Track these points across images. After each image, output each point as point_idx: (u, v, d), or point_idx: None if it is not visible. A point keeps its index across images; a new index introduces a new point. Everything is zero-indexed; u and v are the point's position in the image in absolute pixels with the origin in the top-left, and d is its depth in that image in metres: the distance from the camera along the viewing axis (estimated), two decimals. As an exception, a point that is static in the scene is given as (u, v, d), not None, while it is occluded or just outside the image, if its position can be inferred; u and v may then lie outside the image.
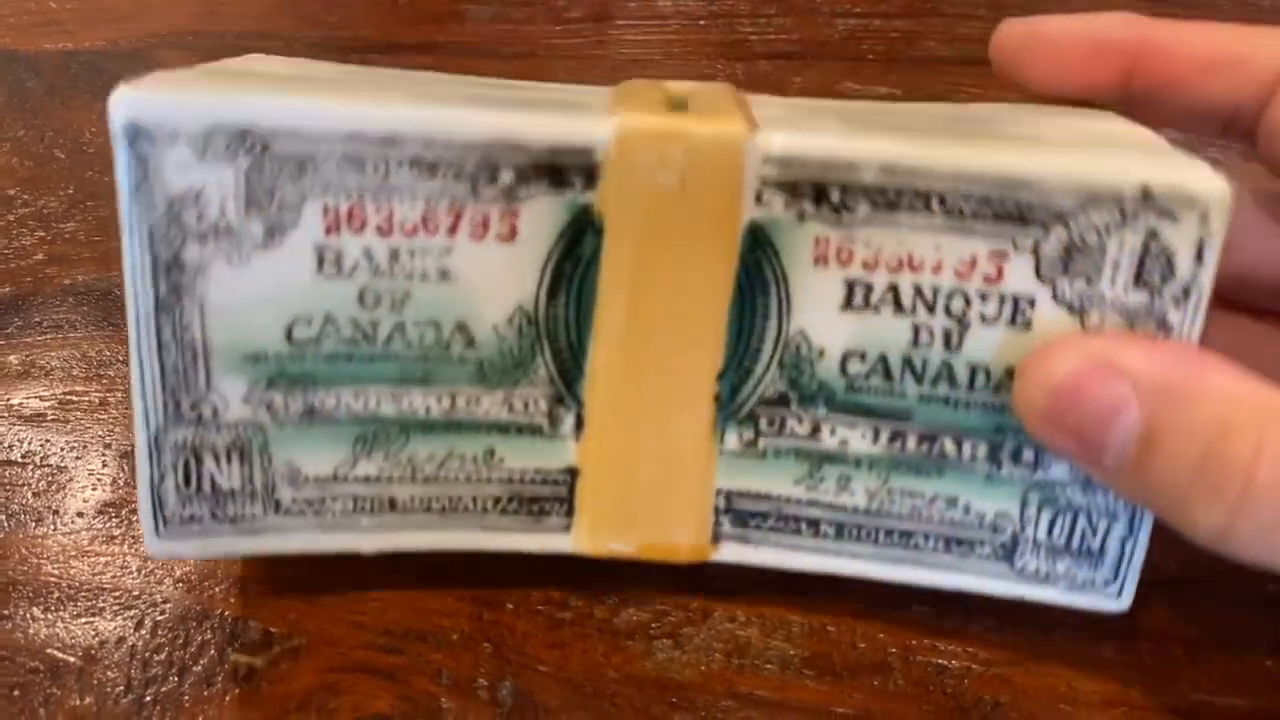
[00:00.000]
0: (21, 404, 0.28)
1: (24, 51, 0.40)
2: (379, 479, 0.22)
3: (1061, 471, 0.21)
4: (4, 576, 0.24)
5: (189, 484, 0.21)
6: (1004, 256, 0.20)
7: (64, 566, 0.24)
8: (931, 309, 0.20)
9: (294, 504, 0.22)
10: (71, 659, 0.23)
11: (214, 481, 0.21)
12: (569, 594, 0.24)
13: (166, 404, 0.20)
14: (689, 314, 0.21)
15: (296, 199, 0.19)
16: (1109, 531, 0.21)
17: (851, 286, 0.20)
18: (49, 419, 0.28)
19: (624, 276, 0.20)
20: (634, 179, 0.20)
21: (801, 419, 0.22)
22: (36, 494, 0.26)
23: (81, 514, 0.25)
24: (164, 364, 0.20)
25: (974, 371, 0.21)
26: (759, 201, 0.20)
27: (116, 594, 0.24)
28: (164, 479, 0.21)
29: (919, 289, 0.20)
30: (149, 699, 0.22)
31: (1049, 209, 0.19)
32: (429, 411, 0.21)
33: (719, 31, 0.43)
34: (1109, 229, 0.19)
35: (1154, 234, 0.19)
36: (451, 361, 0.21)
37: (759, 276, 0.20)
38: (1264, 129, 0.22)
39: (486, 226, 0.20)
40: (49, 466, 0.27)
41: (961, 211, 0.19)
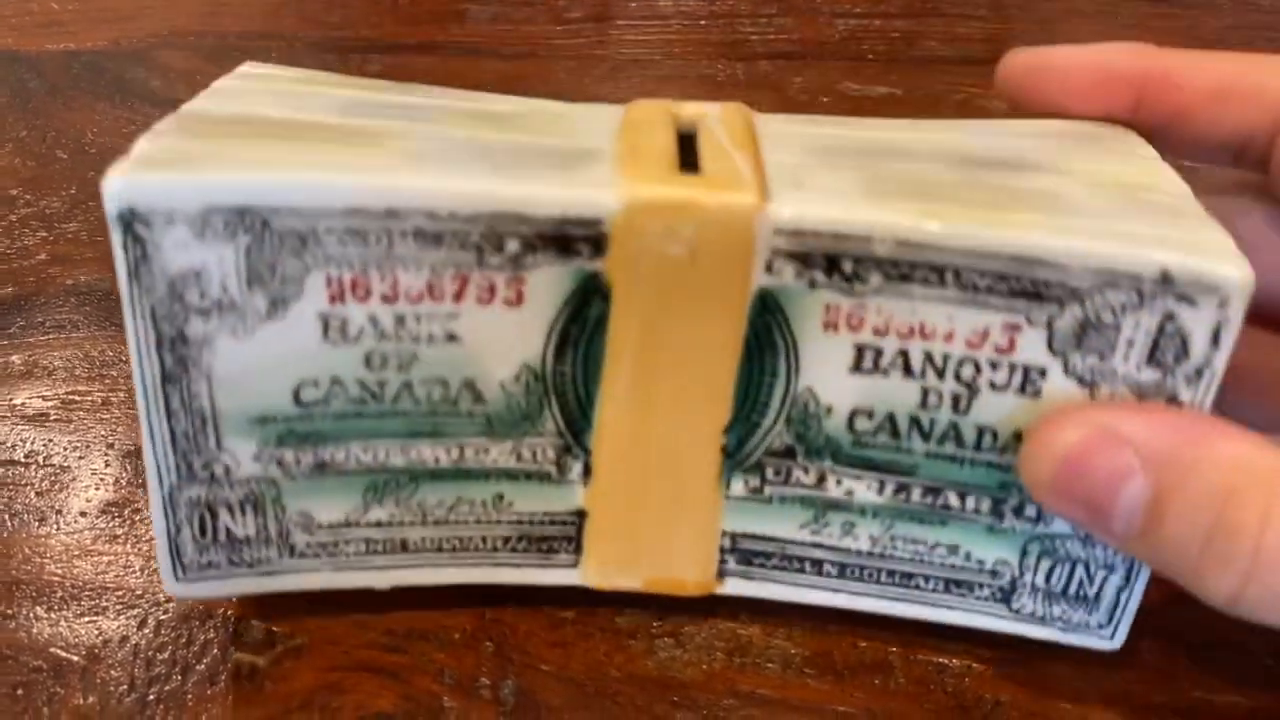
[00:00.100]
0: (24, 404, 0.28)
1: (26, 52, 0.41)
2: (390, 523, 0.22)
3: (1062, 526, 0.21)
4: (7, 576, 0.24)
5: (205, 534, 0.21)
6: (1017, 329, 0.19)
7: (67, 566, 0.24)
8: (941, 375, 0.20)
9: (309, 548, 0.22)
10: (75, 658, 0.23)
11: (229, 531, 0.21)
12: (571, 593, 0.24)
13: (179, 465, 0.20)
14: (697, 372, 0.21)
15: (299, 271, 0.19)
16: (1106, 580, 0.22)
17: (861, 350, 0.20)
18: (52, 419, 0.28)
19: (632, 338, 0.20)
20: (643, 249, 0.19)
21: (808, 470, 0.22)
22: (40, 493, 0.26)
23: (84, 513, 0.26)
24: (174, 430, 0.20)
25: (981, 433, 0.21)
26: (769, 270, 0.19)
27: (120, 593, 0.24)
28: (180, 530, 0.21)
29: (929, 355, 0.20)
30: (152, 698, 0.22)
31: (1065, 287, 0.19)
32: (438, 461, 0.21)
33: (719, 31, 0.43)
34: (1125, 309, 0.19)
35: (1171, 316, 0.19)
36: (460, 416, 0.21)
37: (768, 339, 0.20)
38: (1277, 160, 0.22)
39: (493, 292, 0.20)
40: (52, 466, 0.27)
41: (976, 286, 0.19)
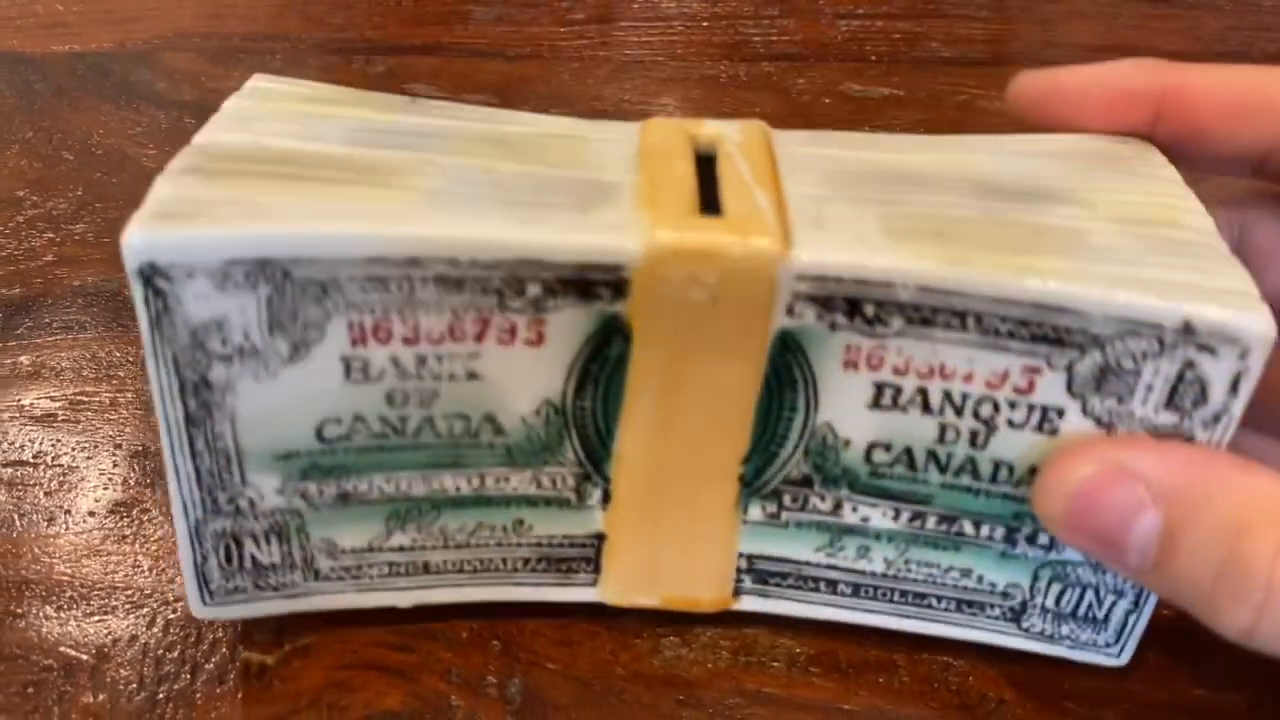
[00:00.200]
0: (32, 404, 0.28)
1: (31, 53, 0.41)
2: (413, 547, 0.22)
3: (1074, 553, 0.21)
4: (17, 575, 0.24)
5: (230, 562, 0.22)
6: (1037, 371, 0.19)
7: (76, 565, 0.25)
8: (960, 412, 0.20)
9: (332, 571, 0.22)
10: (84, 657, 0.23)
11: (255, 559, 0.22)
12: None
13: (204, 500, 0.21)
14: (717, 407, 0.21)
15: (321, 318, 0.19)
16: (1115, 604, 0.22)
17: (880, 388, 0.20)
18: (60, 419, 0.28)
19: (653, 375, 0.20)
20: (664, 293, 0.19)
21: (824, 497, 0.22)
22: (48, 493, 0.26)
23: (93, 513, 0.26)
24: (198, 468, 0.20)
25: (997, 466, 0.21)
26: (790, 313, 0.19)
27: (129, 592, 0.24)
28: (206, 560, 0.21)
29: (948, 394, 0.20)
30: (161, 696, 0.22)
31: (1087, 334, 0.19)
32: (459, 490, 0.22)
33: (722, 33, 0.43)
34: (1146, 356, 0.19)
35: (1191, 364, 0.19)
36: (480, 447, 0.21)
37: (788, 376, 0.20)
38: None
39: (514, 334, 0.20)
40: (60, 466, 0.27)
41: (998, 331, 0.19)
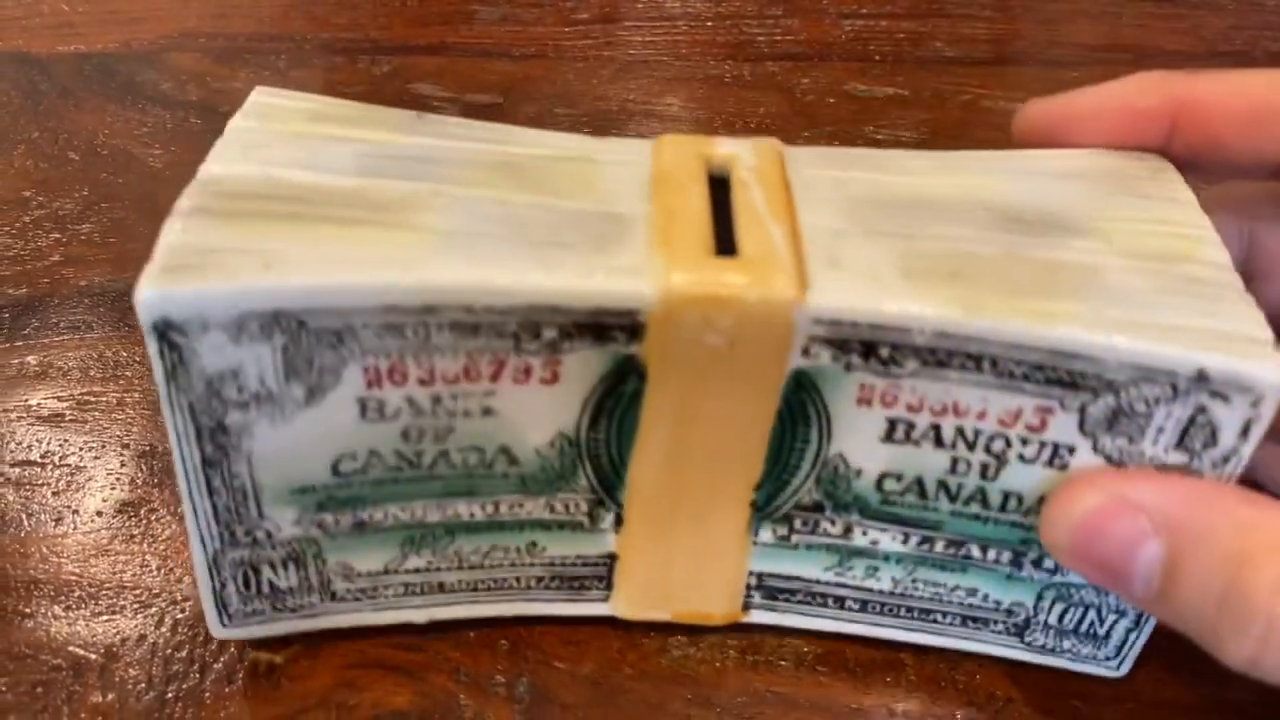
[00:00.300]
0: (40, 404, 0.28)
1: (37, 54, 0.41)
2: (427, 569, 0.22)
3: (1078, 576, 0.22)
4: (25, 575, 0.24)
5: (249, 588, 0.22)
6: (1050, 411, 0.19)
7: (84, 565, 0.25)
8: (972, 447, 0.20)
9: (349, 593, 0.22)
10: (93, 656, 0.23)
11: (273, 584, 0.22)
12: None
13: (221, 533, 0.21)
14: (730, 440, 0.21)
15: (336, 363, 0.19)
16: (1116, 623, 0.22)
17: (893, 424, 0.20)
18: (67, 419, 0.28)
19: (667, 410, 0.20)
20: (680, 336, 0.19)
21: (835, 522, 0.22)
22: (56, 493, 0.26)
23: (101, 513, 0.26)
24: (215, 505, 0.20)
25: (1007, 497, 0.21)
26: (805, 354, 0.19)
27: (137, 592, 0.24)
28: (225, 586, 0.22)
29: (960, 430, 0.20)
30: (170, 695, 0.22)
31: (1101, 379, 0.19)
32: (473, 516, 0.22)
33: (726, 32, 0.43)
34: (1159, 401, 0.19)
35: (1203, 409, 0.19)
36: (494, 477, 0.21)
37: (801, 412, 0.20)
38: None
39: (529, 374, 0.20)
40: (68, 466, 0.27)
41: (1012, 374, 0.19)
